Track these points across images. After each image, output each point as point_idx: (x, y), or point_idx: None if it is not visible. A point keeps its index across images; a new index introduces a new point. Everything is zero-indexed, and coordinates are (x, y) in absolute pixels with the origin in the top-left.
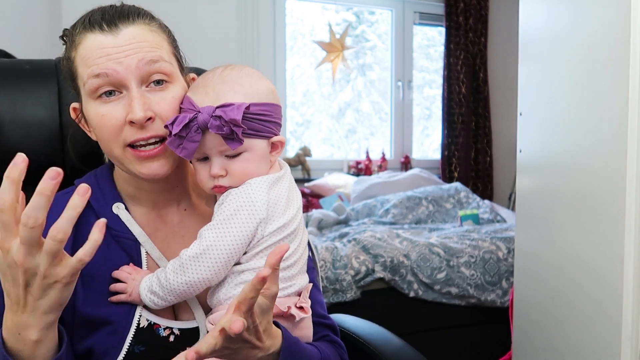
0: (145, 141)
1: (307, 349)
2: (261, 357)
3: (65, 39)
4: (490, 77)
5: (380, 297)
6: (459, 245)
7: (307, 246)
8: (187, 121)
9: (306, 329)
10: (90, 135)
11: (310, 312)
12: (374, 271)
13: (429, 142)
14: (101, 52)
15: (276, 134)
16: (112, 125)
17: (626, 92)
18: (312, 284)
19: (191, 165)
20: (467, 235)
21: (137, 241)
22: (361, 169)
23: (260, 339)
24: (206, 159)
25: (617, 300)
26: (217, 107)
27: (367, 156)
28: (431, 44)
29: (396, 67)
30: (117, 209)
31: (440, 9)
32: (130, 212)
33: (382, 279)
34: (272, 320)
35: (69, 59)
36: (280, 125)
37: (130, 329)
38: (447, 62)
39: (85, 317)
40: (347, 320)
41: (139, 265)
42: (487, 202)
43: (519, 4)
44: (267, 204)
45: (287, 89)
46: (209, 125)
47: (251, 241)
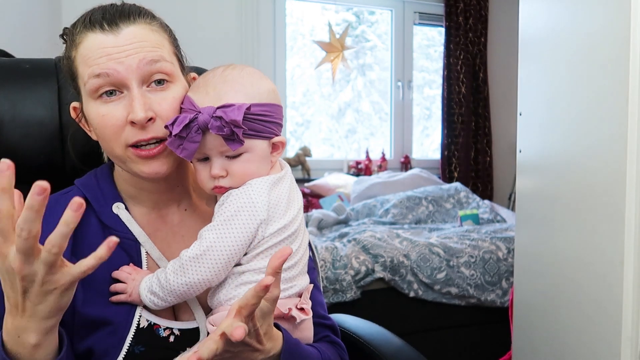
0: (146, 142)
1: (308, 351)
2: (262, 359)
3: (65, 38)
4: (490, 77)
5: (380, 297)
6: (459, 245)
7: (308, 247)
8: (187, 122)
9: (307, 330)
10: (90, 135)
11: (311, 314)
12: (374, 271)
13: (429, 142)
14: (102, 52)
15: (277, 135)
16: (113, 125)
17: (626, 92)
18: (312, 285)
19: (192, 164)
20: (467, 235)
21: (137, 241)
22: (361, 169)
23: (260, 342)
24: (206, 159)
25: (617, 300)
26: (218, 108)
27: (367, 156)
28: (431, 44)
29: (396, 67)
30: (117, 209)
31: (440, 9)
32: (130, 212)
33: (382, 279)
34: (273, 322)
35: (69, 58)
36: (281, 125)
37: (130, 329)
38: (447, 62)
39: (85, 317)
40: (347, 320)
41: (139, 265)
42: (487, 202)
43: (519, 4)
44: (268, 205)
45: (287, 89)
46: (209, 125)
47: (252, 242)
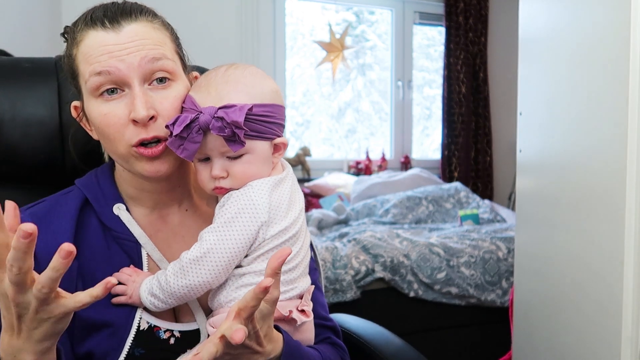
0: (148, 141)
1: (309, 353)
2: None
3: (66, 36)
4: (490, 77)
5: (380, 297)
6: (459, 245)
7: (310, 247)
8: (188, 122)
9: (308, 332)
10: (91, 134)
11: (312, 316)
12: (374, 271)
13: (429, 142)
14: (103, 50)
15: (279, 136)
16: (115, 124)
17: (626, 92)
18: (313, 286)
19: (193, 164)
20: (467, 235)
21: (138, 243)
22: (361, 169)
23: (260, 344)
24: (207, 160)
25: (617, 300)
26: (219, 108)
27: (367, 156)
28: (431, 43)
29: (396, 67)
30: (118, 210)
31: (440, 9)
32: (130, 213)
33: (382, 279)
34: (273, 324)
35: (70, 57)
36: (283, 126)
37: (130, 331)
38: (447, 62)
39: (85, 319)
40: (347, 320)
41: (140, 267)
42: (487, 202)
43: (519, 4)
44: (269, 206)
45: (287, 89)
46: (210, 126)
47: (252, 244)
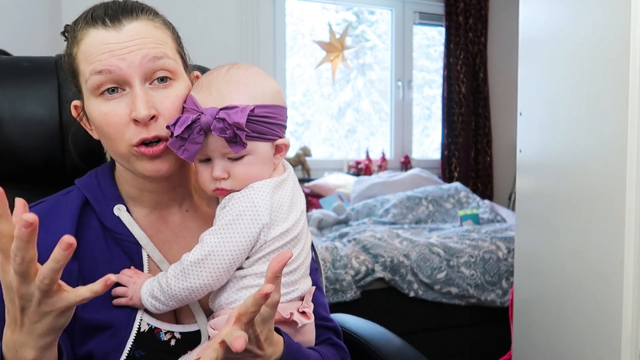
0: (149, 140)
1: (309, 355)
2: None
3: (66, 34)
4: (490, 77)
5: (380, 297)
6: (459, 245)
7: (311, 248)
8: (189, 122)
9: (309, 334)
10: (91, 133)
11: (312, 318)
12: (374, 271)
13: (429, 142)
14: (104, 48)
15: (281, 137)
16: (115, 123)
17: (626, 92)
18: (314, 287)
19: (193, 165)
20: (467, 235)
21: (139, 244)
22: (361, 169)
23: (261, 347)
24: (208, 160)
25: (618, 300)
26: (221, 109)
27: (367, 156)
28: (431, 43)
29: (396, 67)
30: (119, 211)
31: (440, 9)
32: (131, 213)
33: (382, 279)
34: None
35: (70, 56)
36: (285, 127)
37: (130, 333)
38: (447, 62)
39: (85, 321)
40: (347, 320)
41: (140, 268)
42: (487, 202)
43: (519, 4)
44: (270, 208)
45: (287, 89)
46: (211, 127)
47: (254, 246)
